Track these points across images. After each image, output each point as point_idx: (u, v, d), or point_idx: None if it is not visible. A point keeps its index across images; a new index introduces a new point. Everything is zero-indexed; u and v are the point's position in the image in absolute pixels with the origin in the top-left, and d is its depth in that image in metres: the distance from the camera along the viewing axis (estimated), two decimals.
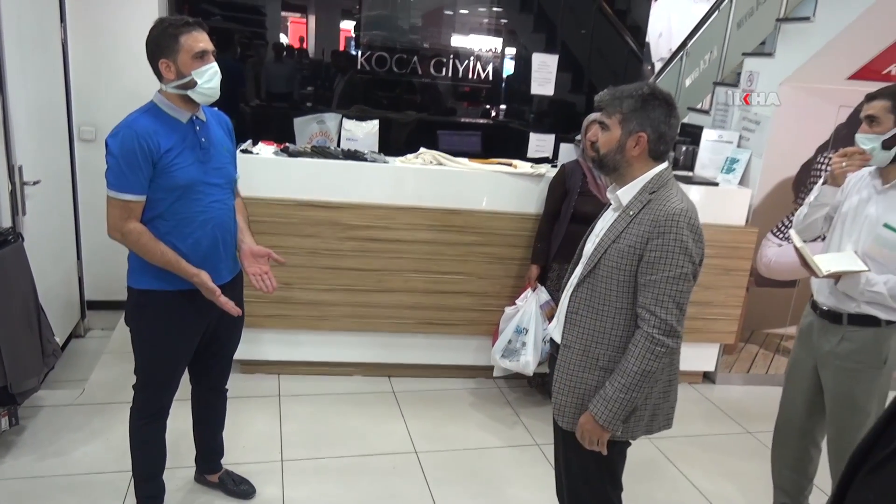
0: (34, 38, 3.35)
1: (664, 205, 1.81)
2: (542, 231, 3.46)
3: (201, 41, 2.13)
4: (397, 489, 2.85)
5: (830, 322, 2.32)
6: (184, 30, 2.11)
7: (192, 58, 2.11)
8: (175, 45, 2.10)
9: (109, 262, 4.05)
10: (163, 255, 2.15)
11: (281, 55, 5.90)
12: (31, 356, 2.80)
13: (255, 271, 2.40)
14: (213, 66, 2.16)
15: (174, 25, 2.11)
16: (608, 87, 1.91)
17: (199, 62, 2.13)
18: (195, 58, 2.12)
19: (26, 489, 2.64)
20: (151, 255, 2.15)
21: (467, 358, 3.78)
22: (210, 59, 2.16)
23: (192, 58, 2.11)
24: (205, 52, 2.13)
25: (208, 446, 2.68)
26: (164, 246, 2.15)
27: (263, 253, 2.40)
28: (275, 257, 2.40)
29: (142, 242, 2.14)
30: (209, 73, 2.15)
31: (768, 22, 3.92)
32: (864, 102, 2.29)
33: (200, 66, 2.13)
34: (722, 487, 3.05)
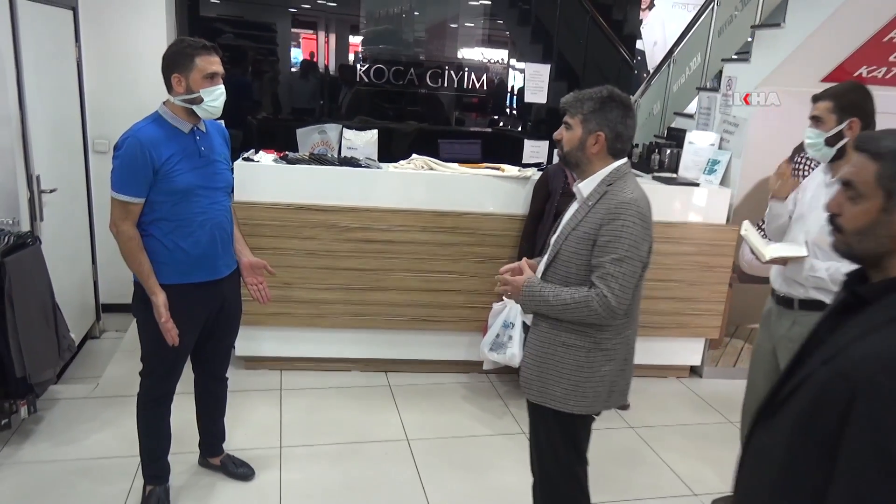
0: (51, 57, 3.60)
1: (617, 195, 1.99)
2: (527, 230, 3.65)
3: (214, 64, 2.37)
4: (388, 474, 3.03)
5: (784, 307, 2.48)
6: (201, 52, 2.34)
7: (203, 77, 2.34)
8: (190, 63, 2.33)
9: (123, 267, 4.25)
10: (140, 265, 2.38)
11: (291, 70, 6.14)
12: (48, 350, 3.02)
13: (252, 282, 2.68)
14: (220, 87, 2.40)
15: (192, 46, 2.35)
16: (573, 92, 2.10)
17: (208, 82, 2.36)
18: (206, 78, 2.35)
19: (44, 472, 2.85)
20: (132, 260, 2.39)
21: (460, 353, 3.95)
22: (219, 80, 2.39)
23: (203, 77, 2.34)
24: (215, 74, 2.37)
25: (210, 431, 2.88)
26: (144, 257, 2.38)
27: (260, 265, 2.68)
28: (269, 269, 2.69)
29: (130, 247, 2.37)
30: (216, 94, 2.38)
31: (745, 29, 4.09)
32: (812, 103, 2.46)
33: (209, 85, 2.36)
34: (700, 472, 3.20)
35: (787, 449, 1.28)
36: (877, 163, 1.17)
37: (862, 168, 1.20)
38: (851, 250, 1.25)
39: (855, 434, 1.14)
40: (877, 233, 1.18)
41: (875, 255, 1.21)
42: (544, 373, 2.06)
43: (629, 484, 3.08)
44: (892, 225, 1.16)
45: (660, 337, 4.03)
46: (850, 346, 1.19)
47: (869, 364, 1.13)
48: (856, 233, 1.22)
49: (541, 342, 2.08)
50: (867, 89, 2.45)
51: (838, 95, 2.43)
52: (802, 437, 1.25)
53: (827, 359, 1.22)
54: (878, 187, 1.17)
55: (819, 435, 1.21)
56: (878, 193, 1.17)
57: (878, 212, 1.18)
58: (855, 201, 1.22)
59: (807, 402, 1.24)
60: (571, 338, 2.03)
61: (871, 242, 1.20)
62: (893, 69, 3.70)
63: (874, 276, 1.25)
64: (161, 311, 2.36)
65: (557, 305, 1.99)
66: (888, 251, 1.19)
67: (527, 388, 2.12)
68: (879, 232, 1.18)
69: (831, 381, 1.19)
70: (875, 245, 1.20)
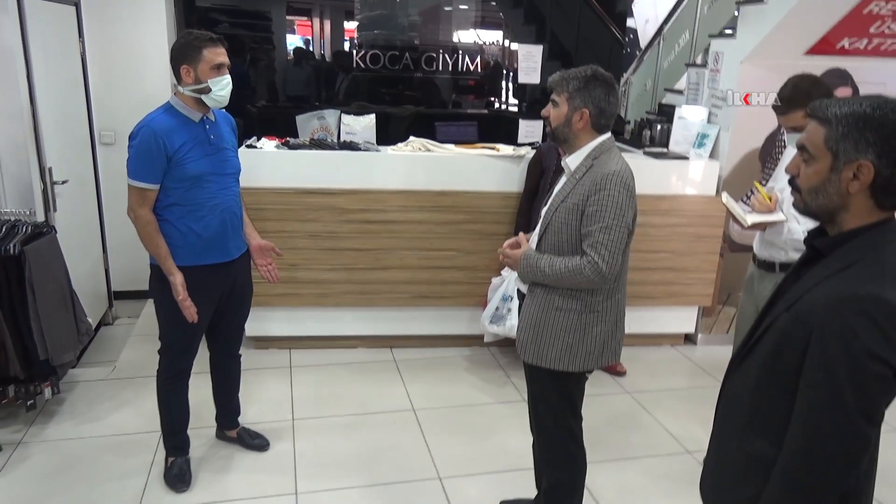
0: (56, 53, 3.72)
1: (603, 168, 2.12)
2: (522, 207, 3.78)
3: (221, 56, 2.50)
4: (396, 440, 3.18)
5: (766, 271, 2.62)
6: (208, 44, 2.47)
7: (210, 68, 2.47)
8: (198, 55, 2.45)
9: (133, 255, 4.40)
10: (157, 247, 2.52)
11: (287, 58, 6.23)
12: (68, 333, 3.17)
13: (262, 263, 2.85)
14: (227, 77, 2.52)
15: (200, 39, 2.47)
16: (559, 71, 2.23)
17: (215, 73, 2.49)
18: (213, 69, 2.48)
19: (70, 448, 3.01)
20: (150, 243, 2.52)
21: (461, 327, 4.10)
22: (225, 71, 2.52)
23: (210, 68, 2.47)
24: (222, 64, 2.50)
25: (226, 406, 3.03)
26: (161, 240, 2.52)
27: (268, 247, 2.84)
28: (277, 251, 2.87)
29: (147, 231, 2.51)
30: (223, 84, 2.51)
31: (731, 4, 4.19)
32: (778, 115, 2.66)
33: (216, 76, 2.49)
34: (692, 431, 3.35)
35: (754, 388, 1.42)
36: (825, 127, 1.30)
37: (813, 132, 1.33)
38: (808, 207, 1.38)
39: (809, 369, 1.28)
40: (827, 190, 1.32)
41: (827, 210, 1.34)
42: (540, 335, 2.20)
43: (626, 444, 3.23)
44: (840, 183, 1.29)
45: (654, 306, 4.17)
46: (807, 294, 1.33)
47: (822, 307, 1.27)
48: (809, 191, 1.35)
49: (536, 307, 2.22)
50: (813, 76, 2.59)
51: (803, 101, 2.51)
52: (767, 377, 1.39)
53: (788, 306, 1.37)
54: (825, 149, 1.30)
55: (782, 375, 1.35)
56: (827, 155, 1.30)
57: (827, 171, 1.31)
58: (808, 163, 1.35)
59: (771, 346, 1.39)
60: (565, 302, 2.16)
61: (822, 199, 1.33)
62: (874, 40, 3.80)
63: (831, 231, 1.39)
64: (179, 290, 2.50)
65: (553, 275, 2.13)
66: (838, 207, 1.32)
67: (523, 350, 2.26)
68: (829, 189, 1.31)
69: (791, 324, 1.33)
70: (826, 201, 1.33)
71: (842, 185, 1.29)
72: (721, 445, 1.56)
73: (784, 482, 1.32)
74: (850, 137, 1.26)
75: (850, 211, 1.31)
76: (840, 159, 1.28)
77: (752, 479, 1.41)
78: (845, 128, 1.27)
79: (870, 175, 1.26)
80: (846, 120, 1.27)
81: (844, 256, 1.31)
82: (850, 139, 1.26)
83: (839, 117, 1.27)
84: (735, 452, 1.47)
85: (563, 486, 2.39)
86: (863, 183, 1.27)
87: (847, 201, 1.30)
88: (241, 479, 2.87)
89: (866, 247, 1.29)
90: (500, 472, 2.97)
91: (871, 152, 1.25)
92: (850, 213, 1.31)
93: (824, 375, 1.25)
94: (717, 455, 1.56)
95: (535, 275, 2.18)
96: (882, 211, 1.31)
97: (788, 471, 1.31)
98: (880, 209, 1.30)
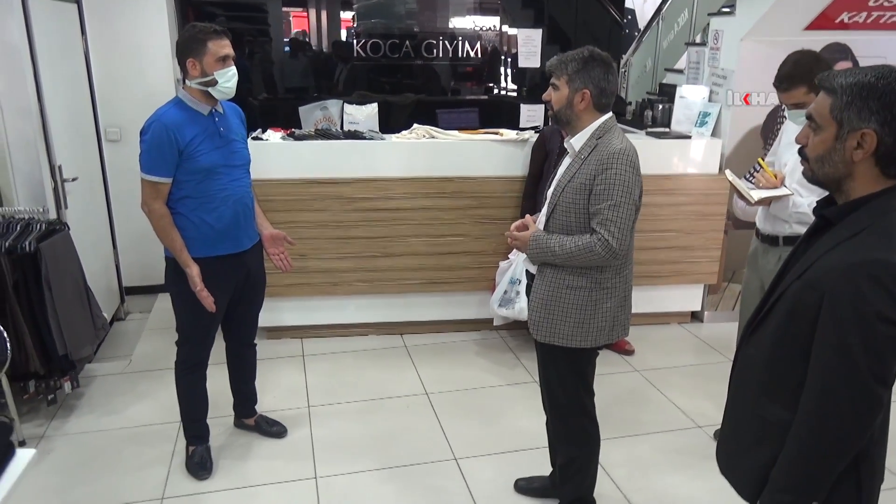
0: (61, 50, 3.74)
1: (608, 147, 2.16)
2: (527, 190, 3.81)
3: (226, 48, 2.53)
4: (411, 424, 3.24)
5: (770, 245, 2.66)
6: (212, 36, 2.50)
7: (216, 60, 2.50)
8: (203, 48, 2.49)
9: (142, 251, 4.48)
10: (172, 240, 2.56)
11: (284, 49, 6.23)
12: (85, 328, 3.22)
13: (274, 251, 2.88)
14: (232, 69, 2.56)
15: (204, 31, 2.50)
16: (556, 55, 2.26)
17: (221, 64, 2.52)
18: (218, 61, 2.51)
19: (92, 441, 3.07)
20: (165, 235, 2.56)
21: (470, 312, 4.15)
22: (230, 63, 2.55)
23: (216, 60, 2.50)
24: (227, 56, 2.53)
25: (244, 394, 3.09)
26: (176, 233, 2.56)
27: (280, 236, 2.88)
28: (289, 240, 2.87)
29: (162, 224, 2.55)
30: (229, 75, 2.54)
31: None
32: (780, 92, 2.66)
33: (222, 68, 2.52)
34: (702, 406, 3.40)
35: (769, 355, 1.47)
36: (831, 97, 1.34)
37: (821, 102, 1.37)
38: (815, 176, 1.42)
39: (822, 334, 1.33)
40: (833, 159, 1.35)
41: (834, 179, 1.38)
42: (551, 314, 2.24)
43: (637, 421, 3.28)
44: (845, 151, 1.33)
45: (661, 285, 4.21)
46: (818, 261, 1.37)
47: (832, 273, 1.31)
48: (816, 160, 1.39)
49: (546, 286, 2.26)
50: (813, 53, 2.62)
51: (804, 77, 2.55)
52: (781, 344, 1.44)
53: (799, 274, 1.41)
54: (831, 119, 1.33)
55: (795, 340, 1.40)
56: (832, 124, 1.34)
57: (832, 140, 1.34)
58: (815, 132, 1.38)
59: (784, 313, 1.43)
60: (575, 280, 2.21)
61: (828, 168, 1.37)
62: (874, 14, 3.82)
63: (839, 200, 1.42)
64: (196, 282, 2.54)
65: (563, 254, 2.17)
66: (844, 175, 1.36)
67: (535, 329, 2.30)
68: (835, 158, 1.35)
69: (803, 291, 1.37)
70: (832, 170, 1.36)
71: (846, 154, 1.33)
72: (736, 412, 1.60)
73: (800, 444, 1.36)
74: (853, 106, 1.30)
75: (855, 179, 1.35)
76: (844, 128, 1.31)
77: (767, 444, 1.45)
78: (849, 97, 1.30)
79: (873, 143, 1.30)
80: (851, 89, 1.30)
81: (853, 224, 1.35)
82: (854, 108, 1.30)
83: (844, 87, 1.31)
84: (750, 419, 1.51)
85: (577, 462, 2.44)
86: (866, 151, 1.31)
87: (852, 169, 1.34)
88: (260, 465, 2.92)
89: (874, 214, 1.33)
90: (514, 452, 3.02)
91: (875, 121, 1.28)
92: (856, 181, 1.35)
93: (836, 339, 1.29)
94: (733, 422, 1.60)
95: (546, 255, 2.22)
96: (888, 179, 1.34)
97: (804, 433, 1.35)
98: (886, 177, 1.34)
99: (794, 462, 1.38)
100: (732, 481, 1.60)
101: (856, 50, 3.97)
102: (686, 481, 2.84)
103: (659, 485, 2.83)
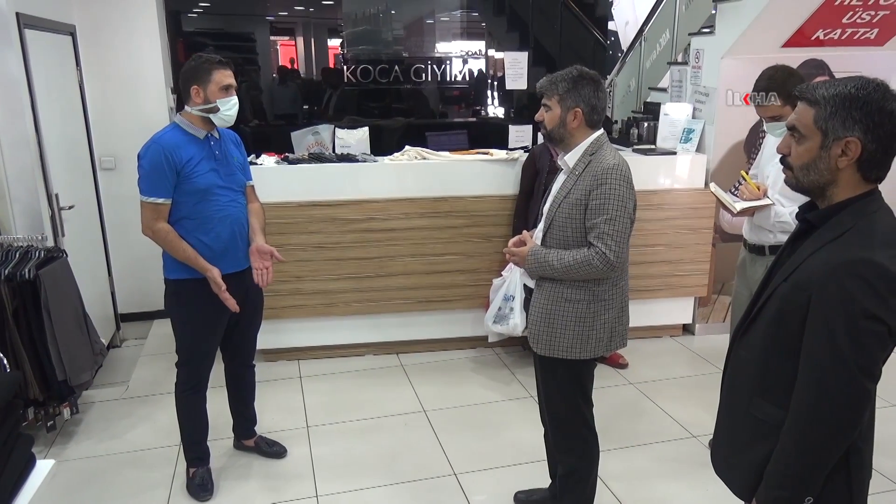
0: (57, 82, 3.81)
1: (601, 163, 2.23)
2: (519, 208, 3.89)
3: (229, 77, 2.61)
4: (410, 441, 3.26)
5: (757, 255, 2.73)
6: (217, 66, 2.59)
7: (219, 89, 2.59)
8: (207, 77, 2.57)
9: (137, 278, 4.52)
10: (184, 252, 2.60)
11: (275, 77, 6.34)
12: (84, 353, 3.24)
13: (258, 266, 2.75)
14: (234, 98, 2.64)
15: (210, 62, 2.58)
16: (545, 76, 2.34)
17: (224, 93, 2.60)
18: (222, 90, 2.59)
19: (93, 466, 3.07)
20: (175, 250, 2.60)
21: (466, 330, 4.19)
22: (233, 92, 2.63)
23: (219, 89, 2.59)
24: (230, 86, 2.61)
25: (243, 415, 3.11)
26: (185, 244, 2.60)
27: (267, 250, 2.75)
28: (277, 256, 2.75)
29: (169, 239, 2.59)
30: (230, 104, 2.62)
31: (709, 2, 4.33)
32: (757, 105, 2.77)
33: (225, 96, 2.60)
34: (697, 417, 3.45)
35: (760, 355, 1.52)
36: (814, 108, 1.41)
37: (803, 113, 1.44)
38: (799, 183, 1.48)
39: (810, 332, 1.39)
40: (818, 167, 1.42)
41: (818, 185, 1.45)
42: (551, 327, 2.30)
43: (633, 432, 3.32)
44: (830, 159, 1.40)
45: (652, 299, 4.28)
46: (804, 263, 1.44)
47: (819, 274, 1.38)
48: (801, 168, 1.45)
49: (545, 300, 2.31)
50: (787, 67, 2.73)
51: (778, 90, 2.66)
52: (772, 344, 1.50)
53: (787, 276, 1.47)
54: (815, 129, 1.40)
55: (785, 340, 1.46)
56: (817, 134, 1.41)
57: (817, 149, 1.41)
58: (799, 142, 1.45)
59: (773, 314, 1.49)
60: (573, 293, 2.26)
61: (814, 175, 1.43)
62: (847, 30, 3.95)
63: (821, 204, 1.49)
64: (219, 283, 2.60)
65: (562, 267, 2.22)
66: (828, 182, 1.43)
67: (535, 342, 2.35)
68: (820, 166, 1.42)
69: (791, 292, 1.44)
70: (817, 177, 1.43)
71: (831, 161, 1.40)
72: (730, 413, 1.65)
73: (793, 440, 1.41)
74: (838, 116, 1.37)
75: (839, 185, 1.42)
76: (829, 137, 1.38)
77: (761, 442, 1.50)
78: (833, 107, 1.37)
79: (857, 150, 1.37)
80: (833, 100, 1.37)
81: (836, 226, 1.42)
82: (839, 118, 1.37)
83: (827, 98, 1.38)
84: (744, 419, 1.56)
85: (578, 472, 2.47)
86: (851, 158, 1.38)
87: (836, 176, 1.41)
88: (261, 485, 2.94)
89: (856, 216, 1.40)
90: (514, 466, 3.05)
91: (858, 129, 1.36)
92: (839, 186, 1.42)
93: (825, 336, 1.35)
94: (726, 423, 1.65)
95: (544, 269, 2.27)
96: (868, 183, 1.42)
97: (797, 428, 1.41)
98: (866, 181, 1.41)
99: (789, 458, 1.43)
100: (727, 481, 1.65)
101: (832, 65, 4.10)
102: (684, 490, 2.88)
103: (657, 494, 2.86)
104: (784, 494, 1.44)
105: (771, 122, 2.73)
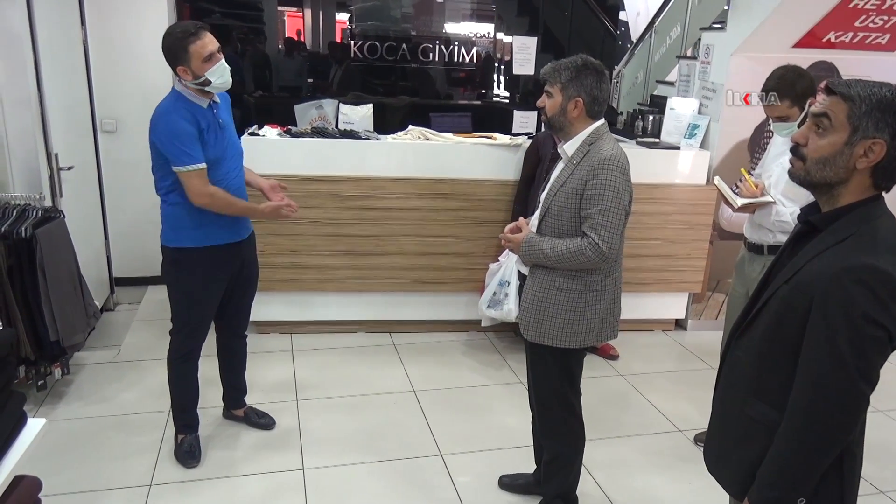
0: (61, 41, 3.77)
1: (599, 153, 2.22)
2: (519, 194, 3.88)
3: (208, 45, 2.49)
4: (398, 419, 3.28)
5: (755, 253, 2.74)
6: (190, 39, 2.46)
7: (202, 61, 2.48)
8: (185, 54, 2.47)
9: (134, 242, 4.51)
10: (237, 206, 2.65)
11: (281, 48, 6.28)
12: (77, 315, 3.24)
13: (278, 199, 2.84)
14: (221, 63, 2.53)
15: (183, 36, 2.46)
16: (550, 63, 2.33)
17: (209, 64, 2.50)
18: (205, 61, 2.49)
19: (81, 428, 3.09)
20: (233, 205, 2.64)
21: (459, 313, 4.20)
22: (218, 57, 2.52)
23: (202, 61, 2.48)
24: (212, 53, 2.50)
25: (233, 385, 3.12)
26: (234, 197, 2.64)
27: (276, 184, 2.90)
28: (283, 185, 2.93)
29: (226, 200, 2.61)
30: (220, 71, 2.53)
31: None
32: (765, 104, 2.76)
33: (211, 66, 2.50)
34: (684, 411, 3.47)
35: (757, 356, 1.53)
36: (847, 103, 1.38)
37: (835, 106, 1.40)
38: (809, 177, 1.45)
39: (811, 335, 1.39)
40: (836, 163, 1.40)
41: (828, 182, 1.42)
42: (542, 314, 2.31)
43: (620, 423, 3.35)
44: (851, 157, 1.38)
45: (646, 292, 4.29)
46: (805, 266, 1.43)
47: (821, 277, 1.37)
48: (817, 161, 1.43)
49: (538, 288, 2.32)
50: (797, 68, 2.71)
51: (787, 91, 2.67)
52: (770, 345, 1.49)
53: (787, 278, 1.47)
54: (847, 123, 1.38)
55: (784, 342, 1.46)
56: (846, 129, 1.38)
57: (841, 144, 1.39)
58: (822, 134, 1.42)
59: (773, 316, 1.48)
60: (565, 282, 2.27)
61: (829, 171, 1.41)
62: (859, 34, 3.93)
63: (825, 206, 1.48)
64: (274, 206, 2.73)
65: (555, 256, 2.23)
66: (840, 180, 1.41)
67: (525, 329, 2.36)
68: (839, 162, 1.40)
69: (792, 295, 1.43)
70: (832, 174, 1.41)
71: (852, 160, 1.38)
72: (724, 412, 1.65)
73: (788, 441, 1.42)
74: (872, 116, 1.35)
75: (848, 186, 1.41)
76: (858, 134, 1.37)
77: (754, 442, 1.51)
78: (868, 107, 1.35)
79: (881, 153, 1.36)
80: (869, 100, 1.36)
81: (839, 231, 1.41)
82: (872, 118, 1.35)
83: (863, 97, 1.36)
84: (738, 418, 1.56)
85: (562, 458, 2.50)
86: (871, 161, 1.37)
87: (850, 176, 1.40)
88: (249, 455, 2.96)
89: (859, 221, 1.39)
90: (500, 450, 3.08)
91: (887, 133, 1.35)
92: (849, 188, 1.41)
93: (826, 340, 1.36)
94: (721, 421, 1.66)
95: (538, 257, 2.28)
96: (874, 190, 1.41)
97: (793, 429, 1.41)
98: (874, 188, 1.41)
99: (783, 458, 1.43)
100: (720, 479, 1.65)
101: (841, 68, 4.08)
102: (666, 483, 2.91)
103: (639, 485, 2.89)
104: (777, 495, 1.45)
105: (778, 122, 2.73)
